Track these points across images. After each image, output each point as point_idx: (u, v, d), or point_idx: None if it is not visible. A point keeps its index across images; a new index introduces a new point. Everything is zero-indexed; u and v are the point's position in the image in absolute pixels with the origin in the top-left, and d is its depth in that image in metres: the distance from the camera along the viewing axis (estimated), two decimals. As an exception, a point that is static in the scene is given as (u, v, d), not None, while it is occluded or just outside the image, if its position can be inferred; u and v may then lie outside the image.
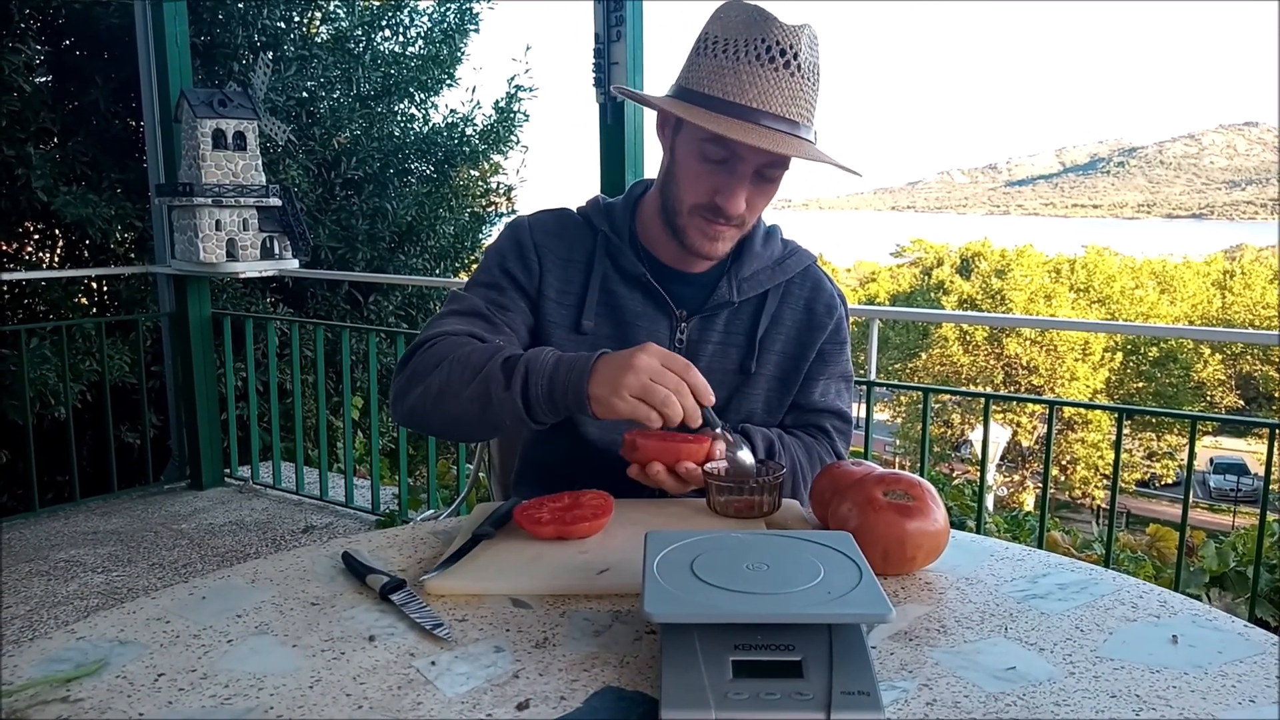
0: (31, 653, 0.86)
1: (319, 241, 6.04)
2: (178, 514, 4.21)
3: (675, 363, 1.09)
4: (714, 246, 1.31)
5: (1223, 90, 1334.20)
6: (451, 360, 1.22)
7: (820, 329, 1.42)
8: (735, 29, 1.21)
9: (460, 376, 1.20)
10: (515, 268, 1.38)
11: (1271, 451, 2.79)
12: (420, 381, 1.25)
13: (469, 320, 1.32)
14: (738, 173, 1.24)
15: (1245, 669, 0.84)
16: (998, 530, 4.26)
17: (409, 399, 1.27)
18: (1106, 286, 29.30)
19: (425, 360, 1.26)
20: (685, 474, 1.18)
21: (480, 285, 1.38)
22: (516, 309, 1.36)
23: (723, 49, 1.21)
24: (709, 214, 1.27)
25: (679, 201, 1.30)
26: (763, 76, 1.19)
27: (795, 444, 1.40)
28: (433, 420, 1.27)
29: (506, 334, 1.32)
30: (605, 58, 3.16)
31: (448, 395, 1.21)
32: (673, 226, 1.32)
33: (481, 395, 1.17)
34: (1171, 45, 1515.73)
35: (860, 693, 0.73)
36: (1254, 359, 28.67)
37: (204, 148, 3.92)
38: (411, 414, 1.29)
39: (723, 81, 1.20)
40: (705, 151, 1.24)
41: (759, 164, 1.24)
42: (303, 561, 1.08)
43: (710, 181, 1.26)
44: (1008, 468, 25.20)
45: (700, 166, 1.26)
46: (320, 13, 6.54)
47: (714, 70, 1.21)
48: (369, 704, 0.78)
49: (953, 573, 1.07)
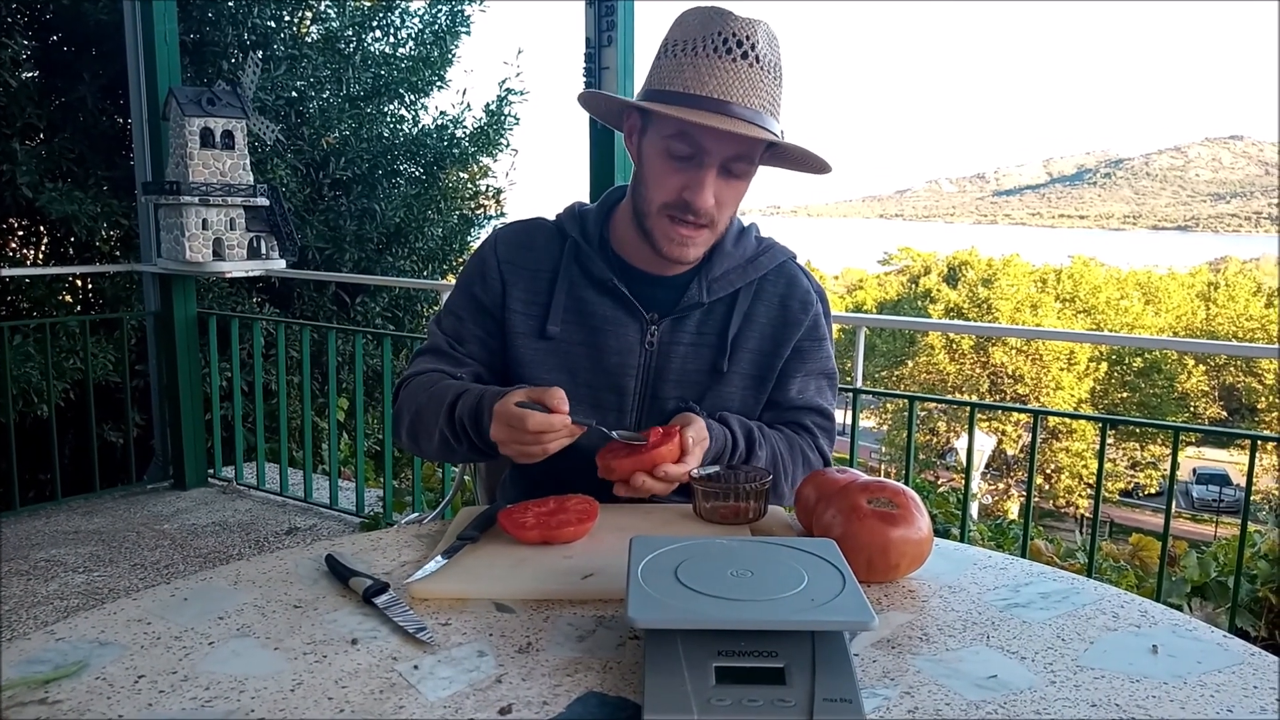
0: (10, 653, 0.86)
1: (306, 242, 6.02)
2: (160, 514, 4.19)
3: (515, 420, 1.16)
4: (683, 251, 1.30)
5: (1208, 103, 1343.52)
6: (416, 409, 1.37)
7: (795, 325, 1.41)
8: (693, 30, 1.24)
9: (425, 426, 1.35)
10: (479, 290, 1.43)
11: (1253, 462, 2.81)
12: (403, 423, 1.41)
13: (434, 358, 1.43)
14: (704, 166, 1.25)
15: (1224, 679, 0.85)
16: (982, 538, 4.27)
17: (402, 437, 1.44)
18: (1092, 297, 29.48)
19: (403, 403, 1.41)
20: (665, 476, 1.20)
21: (448, 314, 1.46)
22: (474, 337, 1.43)
23: (682, 49, 1.24)
24: (677, 212, 1.27)
25: (648, 203, 1.30)
26: (721, 68, 1.21)
27: (776, 435, 1.40)
28: (428, 456, 1.46)
29: (468, 365, 1.42)
30: (597, 61, 3.16)
31: (422, 440, 1.37)
32: (644, 230, 1.32)
33: (444, 443, 1.32)
34: (1158, 58, 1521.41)
35: (842, 700, 0.74)
36: (1237, 371, 28.89)
37: (192, 146, 3.91)
38: (409, 449, 1.47)
39: (683, 77, 1.22)
40: (671, 149, 1.25)
41: (725, 157, 1.25)
42: (286, 564, 1.08)
43: (678, 179, 1.26)
44: (992, 476, 25.29)
45: (666, 164, 1.27)
46: (311, 12, 6.52)
47: (674, 69, 1.24)
48: (351, 707, 0.77)
49: (936, 581, 1.07)
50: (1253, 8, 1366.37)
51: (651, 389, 1.38)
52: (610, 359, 1.37)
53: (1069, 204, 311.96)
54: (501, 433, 1.18)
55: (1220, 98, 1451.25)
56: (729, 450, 1.31)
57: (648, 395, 1.38)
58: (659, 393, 1.38)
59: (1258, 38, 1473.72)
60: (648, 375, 1.37)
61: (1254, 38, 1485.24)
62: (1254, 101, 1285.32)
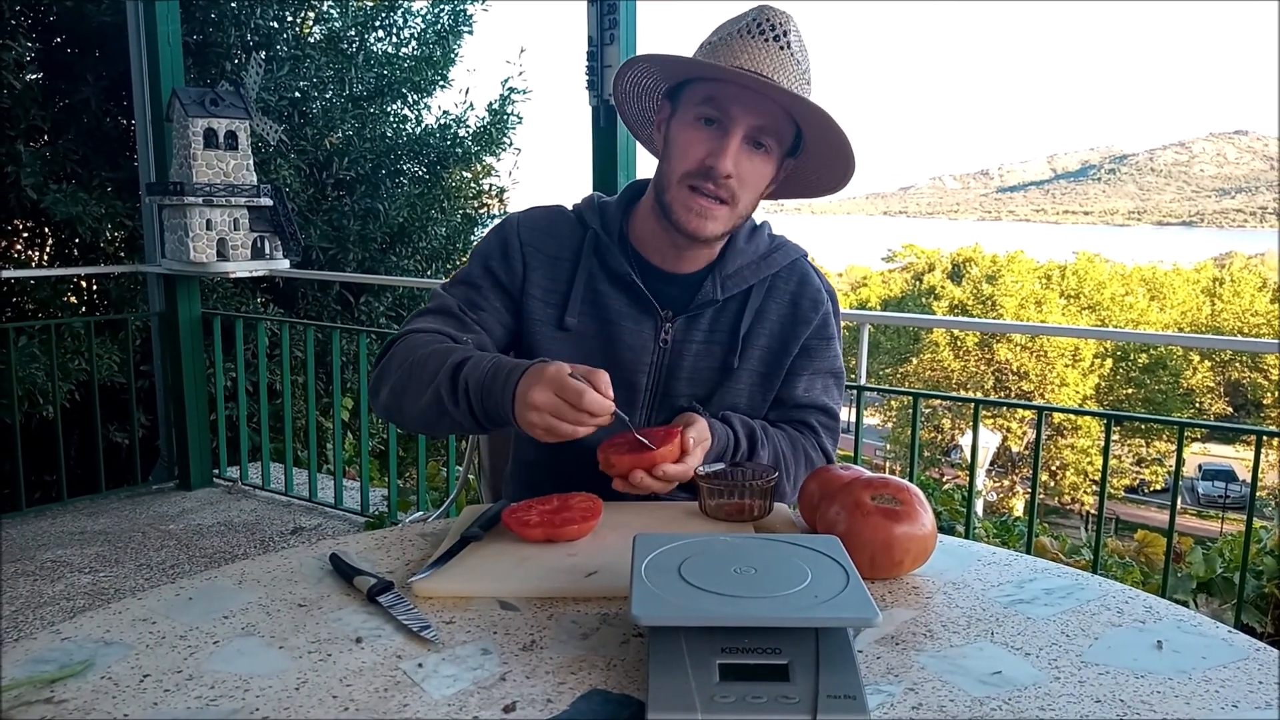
0: (16, 653, 0.86)
1: (310, 242, 6.03)
2: (165, 514, 4.19)
3: (568, 392, 1.09)
4: (701, 223, 1.29)
5: (1213, 98, 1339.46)
6: (411, 363, 1.26)
7: (805, 323, 1.41)
8: (727, 25, 1.29)
9: (418, 381, 1.24)
10: (499, 266, 1.39)
11: (1258, 458, 2.81)
12: (388, 380, 1.30)
13: (441, 319, 1.35)
14: (729, 133, 1.26)
15: (1229, 674, 0.85)
16: (987, 535, 4.27)
17: (381, 396, 1.33)
18: (1097, 293, 29.41)
19: (393, 358, 1.31)
20: (663, 475, 1.19)
21: (460, 283, 1.41)
22: (491, 308, 1.38)
23: (718, 37, 1.28)
24: (698, 180, 1.27)
25: (669, 176, 1.31)
26: (754, 46, 1.25)
27: (779, 434, 1.40)
28: (404, 419, 1.32)
29: (476, 332, 1.35)
30: (599, 60, 3.16)
31: (408, 397, 1.26)
32: (663, 207, 1.32)
33: (436, 403, 1.22)
34: (1162, 53, 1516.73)
35: (846, 696, 0.74)
36: (1243, 366, 28.80)
37: (195, 147, 3.91)
38: (385, 411, 1.34)
39: (715, 55, 1.26)
40: (699, 114, 1.27)
41: (750, 125, 1.26)
42: (290, 563, 1.08)
43: (702, 147, 1.27)
44: (997, 473, 25.26)
45: (692, 134, 1.28)
46: (313, 13, 6.53)
47: (707, 51, 1.28)
48: (355, 706, 0.78)
49: (940, 577, 1.07)
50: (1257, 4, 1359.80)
51: (663, 386, 1.38)
52: (624, 354, 1.36)
53: (1073, 200, 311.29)
54: (545, 398, 1.09)
55: (1225, 92, 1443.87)
56: (731, 450, 1.32)
57: (659, 392, 1.39)
58: (670, 390, 1.38)
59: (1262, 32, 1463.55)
60: (659, 372, 1.38)
61: (1258, 32, 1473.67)
62: (1259, 96, 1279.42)
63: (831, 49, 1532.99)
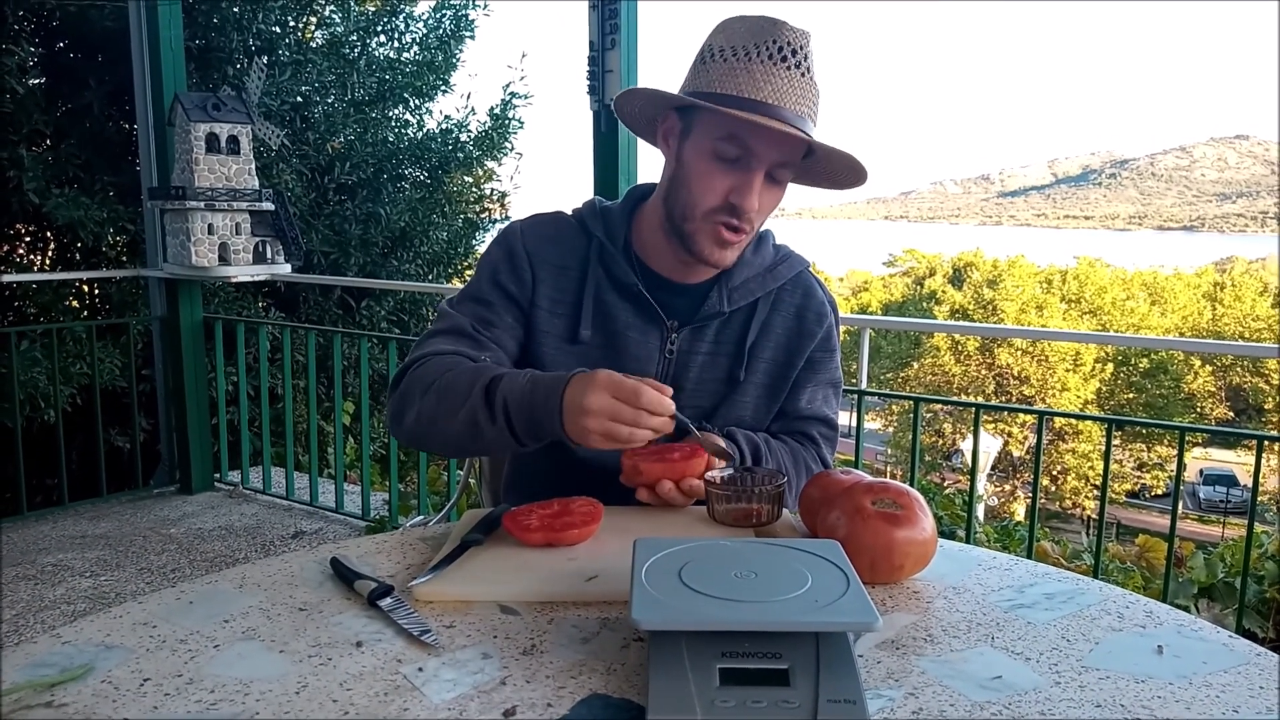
0: (16, 657, 0.86)
1: (311, 246, 6.03)
2: (167, 519, 4.20)
3: (624, 391, 1.09)
4: (724, 255, 1.30)
5: (1213, 103, 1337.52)
6: (438, 387, 1.24)
7: (810, 336, 1.41)
8: (742, 37, 1.23)
9: (448, 404, 1.22)
10: (507, 280, 1.37)
11: (1259, 463, 2.80)
12: (412, 406, 1.27)
13: (455, 339, 1.33)
14: (752, 169, 1.24)
15: (1229, 679, 0.85)
16: (988, 540, 4.27)
17: (405, 423, 1.29)
18: (1098, 297, 29.42)
19: (414, 383, 1.28)
20: (689, 490, 1.20)
21: (469, 300, 1.38)
22: (503, 324, 1.36)
23: (732, 54, 1.23)
24: (725, 216, 1.26)
25: (690, 208, 1.28)
26: (776, 75, 1.21)
27: (781, 448, 1.40)
28: (432, 444, 1.30)
29: (492, 350, 1.33)
30: (600, 65, 3.17)
31: (440, 422, 1.24)
32: (680, 234, 1.30)
33: (471, 424, 1.20)
34: (1163, 57, 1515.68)
35: (846, 701, 0.74)
36: (1244, 371, 28.79)
37: (197, 151, 3.92)
38: (411, 438, 1.31)
39: (736, 81, 1.22)
40: (719, 150, 1.24)
41: (772, 161, 1.24)
42: (291, 567, 1.08)
43: (725, 182, 1.25)
44: (998, 477, 25.24)
45: (712, 166, 1.25)
46: (315, 18, 6.54)
47: (725, 72, 1.23)
48: (355, 710, 0.78)
49: (940, 582, 1.07)
50: (1257, 7, 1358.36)
51: None
52: (630, 365, 1.35)
53: (1074, 205, 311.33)
54: (602, 402, 1.08)
55: (1225, 97, 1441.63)
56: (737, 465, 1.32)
57: None
58: (675, 401, 1.38)
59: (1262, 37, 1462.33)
60: (665, 383, 1.38)
61: (1258, 37, 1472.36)
62: (1259, 101, 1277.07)
63: (833, 53, 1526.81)
